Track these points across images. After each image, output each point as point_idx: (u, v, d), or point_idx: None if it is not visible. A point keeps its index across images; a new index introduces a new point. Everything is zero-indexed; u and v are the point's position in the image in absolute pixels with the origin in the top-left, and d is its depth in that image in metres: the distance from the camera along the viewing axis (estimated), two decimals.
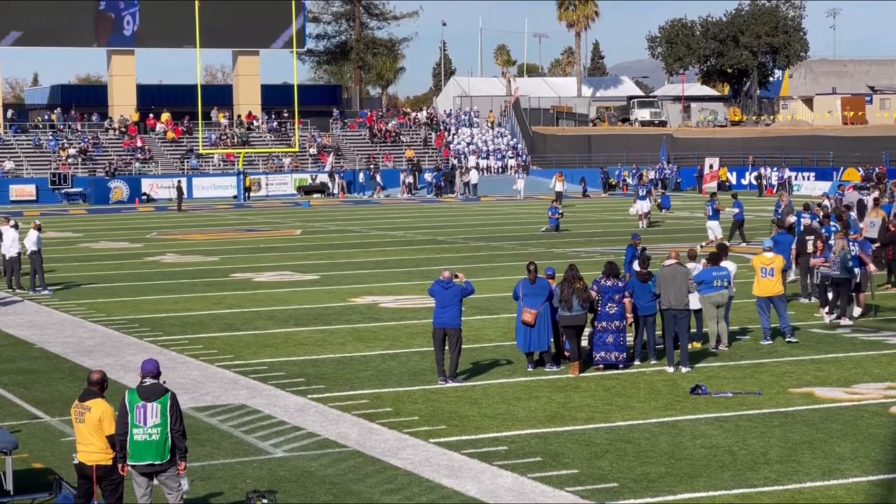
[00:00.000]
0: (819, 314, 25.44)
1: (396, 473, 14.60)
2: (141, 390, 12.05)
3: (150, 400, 11.96)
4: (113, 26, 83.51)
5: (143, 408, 11.94)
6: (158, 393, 12.03)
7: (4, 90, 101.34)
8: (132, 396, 12.02)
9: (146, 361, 12.32)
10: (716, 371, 20.30)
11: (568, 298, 19.94)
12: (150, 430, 11.92)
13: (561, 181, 65.25)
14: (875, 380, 19.43)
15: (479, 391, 18.96)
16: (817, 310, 25.78)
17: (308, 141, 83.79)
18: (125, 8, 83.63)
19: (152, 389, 12.05)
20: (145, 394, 12.01)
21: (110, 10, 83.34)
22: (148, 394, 12.01)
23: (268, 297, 30.25)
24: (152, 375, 12.12)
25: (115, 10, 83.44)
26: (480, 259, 38.02)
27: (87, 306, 28.90)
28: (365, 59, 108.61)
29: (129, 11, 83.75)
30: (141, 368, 12.28)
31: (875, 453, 15.09)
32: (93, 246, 45.19)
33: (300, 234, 49.36)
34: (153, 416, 11.93)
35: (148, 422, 11.92)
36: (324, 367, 21.12)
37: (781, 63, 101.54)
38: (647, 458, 15.00)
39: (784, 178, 73.22)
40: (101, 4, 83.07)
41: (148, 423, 11.92)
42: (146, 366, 12.22)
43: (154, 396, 11.99)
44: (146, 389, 12.05)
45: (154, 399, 11.97)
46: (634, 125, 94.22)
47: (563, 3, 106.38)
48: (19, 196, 72.43)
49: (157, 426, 11.93)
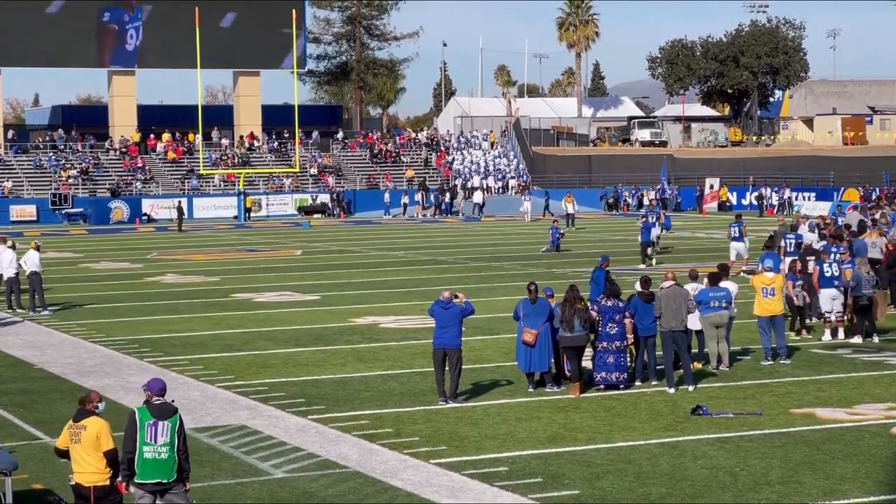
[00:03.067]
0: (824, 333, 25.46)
1: (397, 494, 14.57)
2: (152, 408, 12.03)
3: (162, 418, 11.96)
4: (117, 39, 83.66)
5: (155, 426, 11.93)
6: (170, 412, 12.04)
7: (5, 111, 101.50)
8: (143, 414, 12.00)
9: (153, 380, 12.32)
10: (717, 391, 20.27)
11: (569, 319, 19.92)
12: (160, 449, 11.91)
13: (571, 202, 64.09)
14: (876, 400, 19.40)
15: (480, 412, 18.93)
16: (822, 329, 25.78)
17: (309, 161, 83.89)
18: (129, 21, 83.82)
19: (164, 408, 12.05)
20: (157, 412, 12.00)
21: (113, 21, 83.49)
22: (160, 412, 12.00)
23: (268, 317, 30.24)
24: (161, 393, 12.11)
25: (118, 22, 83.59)
26: (481, 279, 38.01)
27: (88, 326, 28.89)
28: (365, 79, 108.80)
29: (133, 25, 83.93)
30: (147, 387, 12.25)
31: (877, 474, 15.06)
32: (93, 266, 45.18)
33: (301, 255, 49.36)
34: (163, 435, 11.93)
35: (158, 440, 11.91)
36: (324, 387, 21.10)
37: (782, 83, 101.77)
38: (648, 478, 14.97)
39: (784, 199, 73.29)
40: (104, 16, 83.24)
41: (158, 440, 11.91)
42: (154, 384, 12.21)
43: (166, 415, 12.00)
44: (157, 407, 12.03)
45: (166, 417, 11.97)
46: (635, 145, 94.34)
47: (564, 24, 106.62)
48: (20, 216, 72.45)
49: (166, 445, 11.93)
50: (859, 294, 25.18)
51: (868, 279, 25.41)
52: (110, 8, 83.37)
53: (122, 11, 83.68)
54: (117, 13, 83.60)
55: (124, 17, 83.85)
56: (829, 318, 25.51)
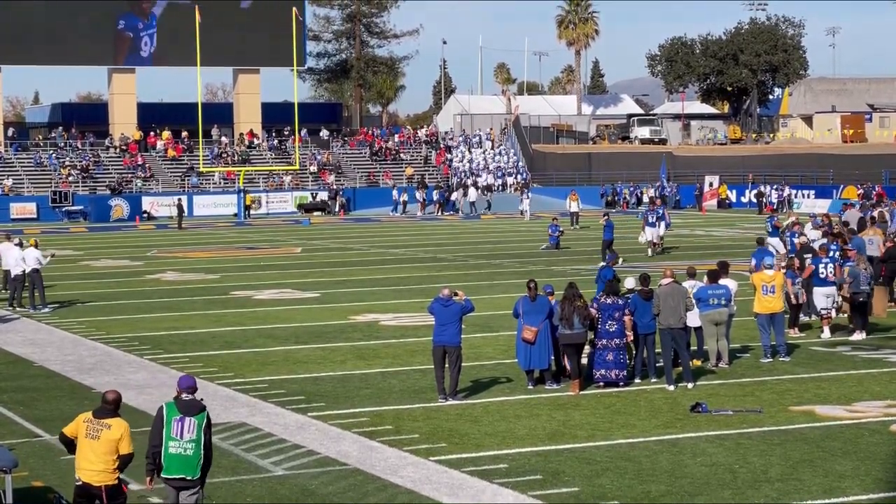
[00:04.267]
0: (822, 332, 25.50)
1: (397, 492, 14.59)
2: (180, 404, 12.07)
3: (190, 414, 11.99)
4: (131, 47, 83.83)
5: (182, 421, 11.96)
6: (197, 409, 12.07)
7: (5, 108, 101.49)
8: (170, 409, 12.04)
9: (183, 377, 12.43)
10: (716, 389, 20.29)
11: (569, 316, 19.93)
12: (186, 445, 11.93)
13: (575, 201, 62.85)
14: (875, 398, 19.42)
15: (480, 409, 18.95)
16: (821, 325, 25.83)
17: (308, 159, 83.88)
18: (143, 28, 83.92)
19: (192, 404, 12.08)
20: (185, 408, 12.03)
21: (129, 29, 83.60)
22: (188, 408, 12.03)
23: (268, 314, 30.25)
24: (191, 390, 12.15)
25: (133, 30, 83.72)
26: (480, 277, 38.02)
27: (88, 324, 28.90)
28: (365, 77, 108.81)
29: (147, 32, 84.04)
30: (178, 384, 12.32)
31: (876, 471, 15.08)
32: (93, 264, 45.19)
33: (301, 252, 49.37)
34: (190, 431, 11.95)
35: (185, 436, 11.93)
36: (324, 384, 21.12)
37: (781, 81, 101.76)
38: (647, 476, 14.99)
39: (784, 197, 73.32)
40: (119, 24, 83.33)
41: (185, 436, 11.93)
42: (184, 381, 12.27)
43: (193, 411, 12.03)
44: (185, 403, 12.06)
45: (193, 414, 12.01)
46: (634, 143, 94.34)
47: (563, 22, 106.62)
48: (20, 214, 72.43)
49: (192, 441, 11.95)
50: (858, 290, 25.25)
51: (865, 276, 25.47)
52: (125, 15, 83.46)
53: (137, 19, 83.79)
54: (132, 21, 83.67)
55: (139, 24, 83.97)
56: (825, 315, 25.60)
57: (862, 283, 25.27)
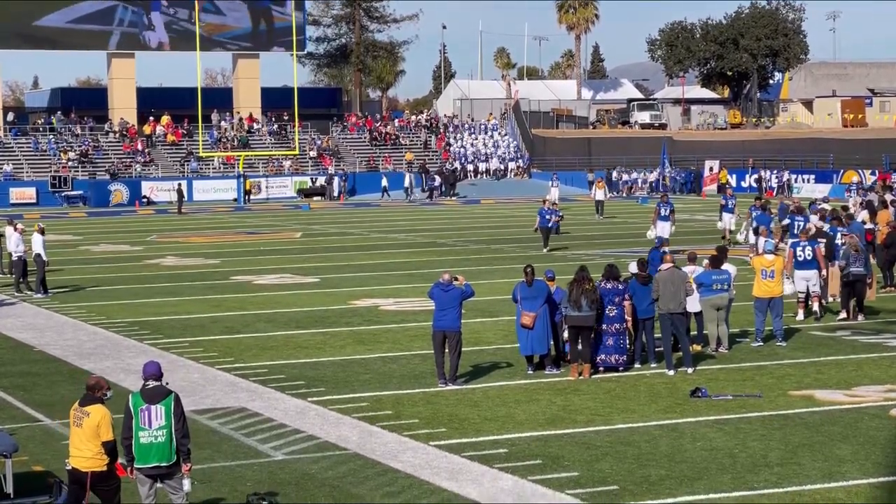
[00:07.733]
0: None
1: (397, 476, 14.60)
2: (145, 393, 12.05)
3: (154, 402, 11.97)
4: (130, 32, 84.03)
5: (148, 410, 11.94)
6: (162, 395, 12.03)
7: (4, 93, 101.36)
8: (136, 399, 12.03)
9: (148, 364, 12.32)
10: (716, 373, 20.30)
11: (577, 298, 19.89)
12: (156, 433, 11.92)
13: (602, 188, 59.09)
14: (875, 382, 19.42)
15: (480, 394, 18.96)
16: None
17: (308, 144, 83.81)
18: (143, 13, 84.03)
19: (156, 391, 12.05)
20: (149, 396, 12.02)
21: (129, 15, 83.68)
22: (152, 396, 12.01)
23: (268, 299, 30.25)
24: (155, 378, 12.12)
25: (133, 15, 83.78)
26: (480, 262, 38.02)
27: (87, 309, 28.91)
28: (365, 62, 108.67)
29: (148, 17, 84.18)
30: (143, 371, 12.28)
31: (875, 456, 15.09)
32: (93, 249, 45.18)
33: (300, 237, 49.35)
34: (158, 419, 11.93)
35: (153, 424, 11.92)
36: (324, 369, 21.13)
37: (781, 66, 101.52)
38: (647, 460, 15.00)
39: (784, 181, 73.23)
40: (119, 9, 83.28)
41: (153, 425, 11.92)
42: (148, 368, 12.22)
43: (158, 398, 12.00)
44: (150, 392, 12.05)
45: (158, 401, 11.98)
46: (634, 128, 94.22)
47: (563, 6, 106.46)
48: (19, 199, 72.43)
49: (161, 428, 11.93)
50: (848, 272, 25.26)
51: (856, 256, 25.41)
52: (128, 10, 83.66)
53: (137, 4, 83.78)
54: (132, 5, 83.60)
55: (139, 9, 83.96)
56: (802, 300, 25.65)
57: (853, 264, 25.25)
